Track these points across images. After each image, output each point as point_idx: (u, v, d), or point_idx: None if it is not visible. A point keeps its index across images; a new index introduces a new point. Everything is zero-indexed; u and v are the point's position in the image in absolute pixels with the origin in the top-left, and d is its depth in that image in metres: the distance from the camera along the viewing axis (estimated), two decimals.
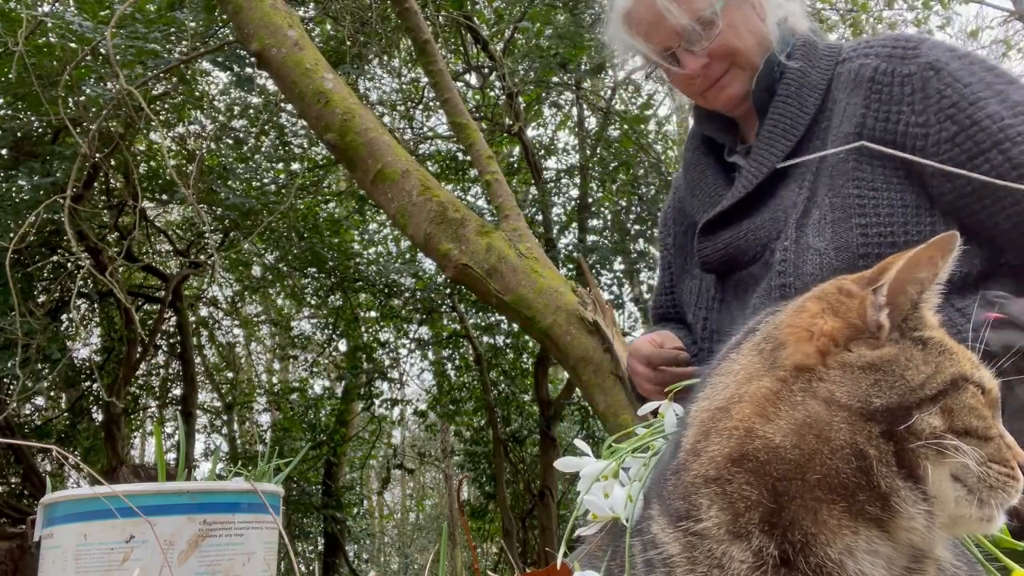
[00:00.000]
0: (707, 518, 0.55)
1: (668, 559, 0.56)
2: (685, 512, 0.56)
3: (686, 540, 0.55)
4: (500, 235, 2.68)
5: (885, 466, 0.53)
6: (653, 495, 0.62)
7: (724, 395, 0.58)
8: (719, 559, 0.54)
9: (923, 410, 0.53)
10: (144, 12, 5.00)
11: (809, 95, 1.34)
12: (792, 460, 0.53)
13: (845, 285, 0.60)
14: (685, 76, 1.41)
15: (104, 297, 7.27)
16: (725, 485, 0.55)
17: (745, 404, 0.56)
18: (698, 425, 0.59)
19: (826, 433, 0.53)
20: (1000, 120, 1.18)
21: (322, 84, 2.87)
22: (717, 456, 0.56)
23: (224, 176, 6.34)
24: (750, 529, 0.53)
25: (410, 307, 8.62)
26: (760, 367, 0.58)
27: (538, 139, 8.12)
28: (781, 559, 0.52)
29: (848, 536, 0.53)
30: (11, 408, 4.81)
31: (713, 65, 1.39)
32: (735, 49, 1.38)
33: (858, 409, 0.53)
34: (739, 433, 0.56)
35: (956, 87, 1.22)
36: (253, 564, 1.23)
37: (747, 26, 1.39)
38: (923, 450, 0.53)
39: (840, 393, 0.54)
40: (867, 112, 1.27)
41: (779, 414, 0.55)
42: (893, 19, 6.47)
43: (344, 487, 10.67)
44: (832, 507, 0.53)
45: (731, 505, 0.54)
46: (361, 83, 6.53)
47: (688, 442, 0.59)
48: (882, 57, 1.29)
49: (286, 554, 1.56)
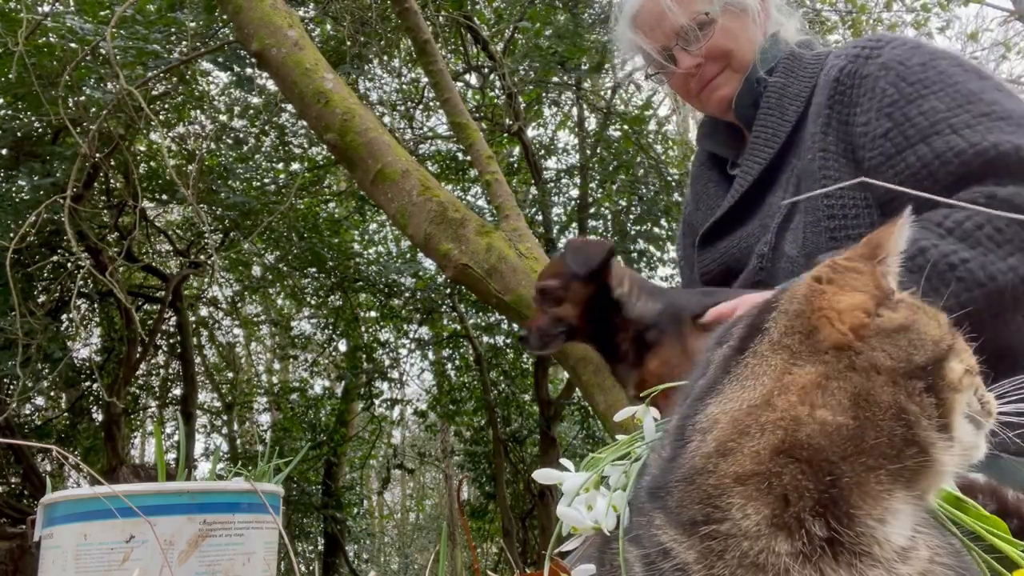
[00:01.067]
0: (741, 516, 0.54)
1: (683, 567, 0.55)
2: (705, 517, 0.55)
3: (705, 546, 0.54)
4: (500, 235, 2.68)
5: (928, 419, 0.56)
6: (650, 508, 0.61)
7: (758, 392, 0.58)
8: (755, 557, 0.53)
9: (950, 359, 0.58)
10: (144, 13, 5.00)
11: (790, 104, 1.36)
12: (847, 436, 0.55)
13: (846, 264, 0.62)
14: (681, 76, 1.45)
15: (104, 297, 7.27)
16: (772, 478, 0.55)
17: (791, 394, 0.57)
18: (727, 424, 0.58)
19: (876, 398, 0.55)
20: (936, 115, 1.17)
21: (322, 84, 2.87)
22: (760, 450, 0.55)
23: (224, 176, 6.34)
24: (802, 517, 0.54)
25: (410, 307, 8.62)
26: (796, 356, 0.59)
27: (538, 139, 8.12)
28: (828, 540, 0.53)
29: (886, 499, 0.55)
30: (11, 408, 4.81)
31: (707, 66, 1.42)
32: (729, 51, 1.41)
33: (902, 370, 0.57)
34: (785, 422, 0.56)
35: (900, 85, 1.23)
36: (253, 564, 1.23)
37: (744, 34, 1.42)
38: (951, 396, 0.57)
39: (882, 357, 0.57)
40: (831, 113, 1.29)
41: (831, 394, 0.56)
42: (892, 21, 6.47)
43: (344, 487, 10.67)
44: (878, 473, 0.55)
45: (778, 498, 0.54)
46: (361, 83, 6.53)
47: (708, 446, 0.58)
48: (849, 58, 1.30)
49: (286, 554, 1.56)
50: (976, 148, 1.12)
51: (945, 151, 1.14)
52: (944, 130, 1.15)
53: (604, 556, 0.67)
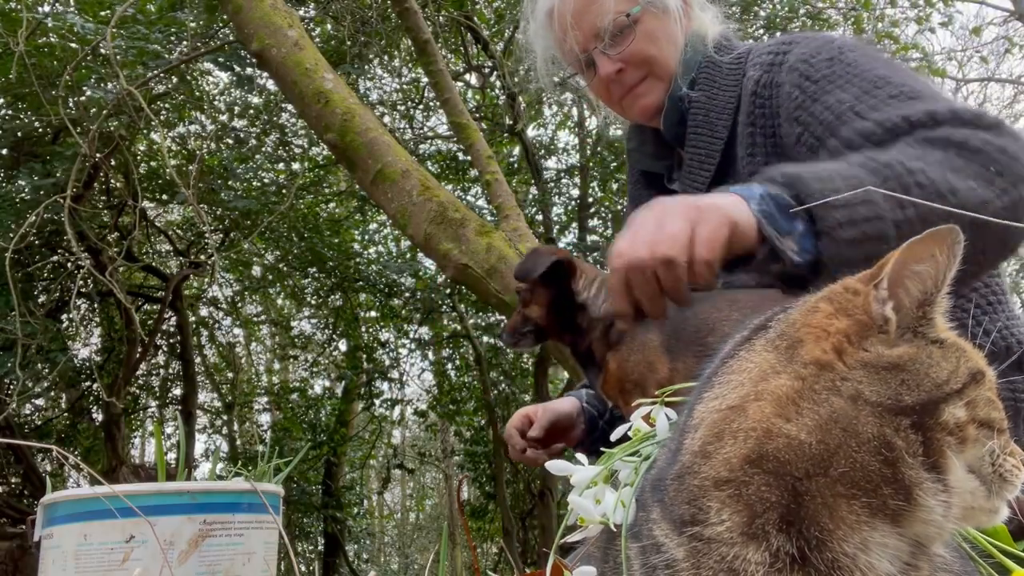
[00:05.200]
0: (718, 522, 0.54)
1: (672, 563, 0.56)
2: (691, 517, 0.56)
3: (692, 546, 0.55)
4: (500, 235, 2.68)
5: (912, 457, 0.54)
6: (651, 501, 0.61)
7: (738, 394, 0.58)
8: (731, 563, 0.53)
9: (950, 403, 0.55)
10: (145, 12, 5.00)
11: (718, 119, 1.30)
12: (816, 456, 0.54)
13: (851, 284, 0.60)
14: (602, 81, 1.38)
15: (104, 297, 7.27)
16: (741, 487, 0.54)
17: (764, 403, 0.56)
18: (708, 426, 0.58)
19: (853, 427, 0.54)
20: (841, 106, 1.11)
21: (322, 84, 2.88)
22: (732, 458, 0.55)
23: (224, 176, 6.34)
24: (767, 530, 0.53)
25: (410, 307, 8.62)
26: (777, 364, 0.58)
27: (538, 139, 8.12)
28: (799, 557, 0.53)
29: (865, 530, 0.53)
30: (11, 408, 4.81)
31: (629, 72, 1.36)
32: (650, 57, 1.35)
33: (889, 406, 0.55)
34: (757, 433, 0.55)
35: (804, 85, 1.17)
36: (253, 564, 1.23)
37: (666, 37, 1.35)
38: (948, 439, 0.54)
39: (868, 392, 0.55)
40: (754, 131, 1.24)
41: (802, 411, 0.55)
42: (896, 17, 6.47)
43: (344, 487, 10.67)
44: (852, 502, 0.53)
45: (747, 507, 0.54)
46: (361, 83, 6.53)
47: (695, 444, 0.58)
48: (763, 67, 1.25)
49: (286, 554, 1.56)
50: (885, 124, 1.05)
51: (852, 138, 1.07)
52: (851, 119, 1.09)
53: (608, 552, 0.68)
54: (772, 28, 6.16)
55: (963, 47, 8.99)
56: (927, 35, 9.40)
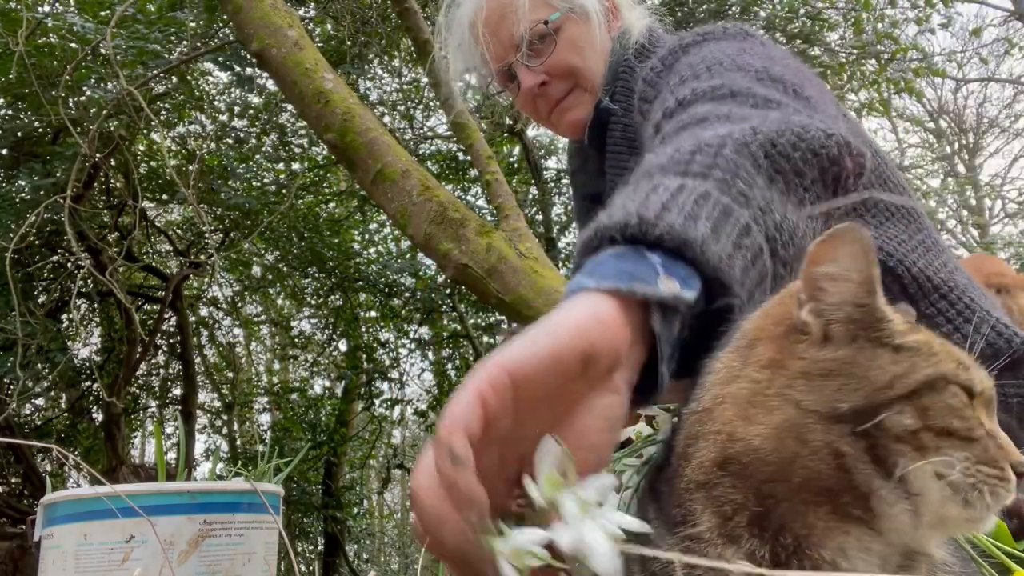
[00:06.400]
0: (701, 523, 0.55)
1: (666, 564, 0.56)
2: (681, 518, 0.56)
3: (684, 546, 0.55)
4: (500, 235, 2.68)
5: (862, 463, 0.53)
6: (648, 502, 0.62)
7: (708, 396, 0.59)
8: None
9: (892, 409, 0.53)
10: (144, 12, 5.00)
11: (635, 134, 1.18)
12: (774, 463, 0.54)
13: (792, 286, 0.60)
14: (525, 96, 1.27)
15: (104, 297, 7.26)
16: (712, 490, 0.55)
17: (727, 406, 0.57)
18: (687, 428, 0.59)
19: (803, 436, 0.53)
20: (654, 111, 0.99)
21: (322, 84, 2.87)
22: (705, 461, 0.56)
23: (224, 176, 6.34)
24: (739, 532, 0.54)
25: (410, 307, 8.62)
26: (737, 366, 0.58)
27: (538, 139, 8.12)
28: (773, 561, 0.53)
29: (840, 536, 0.53)
30: (11, 408, 4.81)
31: (552, 84, 1.25)
32: (574, 67, 1.24)
33: (827, 414, 0.53)
34: (722, 437, 0.56)
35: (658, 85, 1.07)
36: (253, 564, 1.23)
37: (591, 45, 1.24)
38: (899, 447, 0.53)
39: (808, 400, 0.54)
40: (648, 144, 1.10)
41: (757, 416, 0.55)
42: (896, 18, 6.46)
43: (344, 487, 10.66)
44: (818, 509, 0.53)
45: (719, 509, 0.55)
46: (361, 83, 6.53)
47: (679, 447, 0.59)
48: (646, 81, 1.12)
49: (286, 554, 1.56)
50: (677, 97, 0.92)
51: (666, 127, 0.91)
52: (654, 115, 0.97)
53: None
54: (772, 28, 6.16)
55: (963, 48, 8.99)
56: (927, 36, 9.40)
